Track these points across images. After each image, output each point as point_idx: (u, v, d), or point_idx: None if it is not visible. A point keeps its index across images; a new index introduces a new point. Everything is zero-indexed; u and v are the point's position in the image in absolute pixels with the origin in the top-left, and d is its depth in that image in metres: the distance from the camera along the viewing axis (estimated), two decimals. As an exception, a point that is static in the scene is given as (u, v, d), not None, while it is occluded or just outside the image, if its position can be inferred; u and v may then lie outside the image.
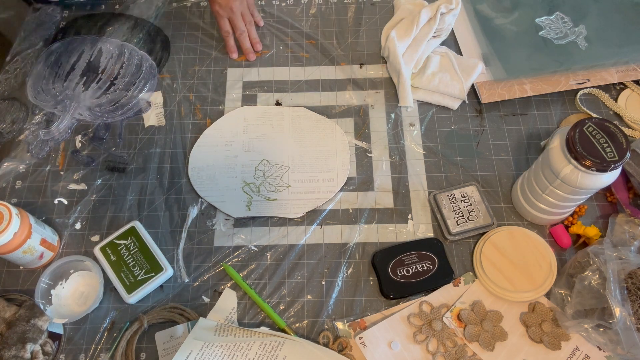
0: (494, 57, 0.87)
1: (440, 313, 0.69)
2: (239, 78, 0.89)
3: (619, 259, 0.64)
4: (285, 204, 0.77)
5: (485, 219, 0.75)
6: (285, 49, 0.92)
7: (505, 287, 0.69)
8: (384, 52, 0.90)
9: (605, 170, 0.61)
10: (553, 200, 0.69)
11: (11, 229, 0.65)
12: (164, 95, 0.88)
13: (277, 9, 0.96)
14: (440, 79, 0.85)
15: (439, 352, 0.67)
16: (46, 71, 0.89)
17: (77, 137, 0.84)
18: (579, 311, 0.65)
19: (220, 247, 0.75)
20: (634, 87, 0.85)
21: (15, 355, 0.63)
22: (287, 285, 0.72)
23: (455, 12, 0.88)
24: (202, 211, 0.78)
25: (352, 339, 0.68)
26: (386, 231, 0.76)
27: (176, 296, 0.72)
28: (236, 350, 0.66)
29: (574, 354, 0.66)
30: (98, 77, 0.89)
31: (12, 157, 0.82)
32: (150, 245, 0.73)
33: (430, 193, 0.78)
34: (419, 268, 0.72)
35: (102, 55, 0.91)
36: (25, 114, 0.86)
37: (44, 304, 0.68)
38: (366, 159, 0.82)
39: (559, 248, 0.74)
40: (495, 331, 0.68)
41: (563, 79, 0.85)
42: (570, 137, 0.62)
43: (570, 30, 0.89)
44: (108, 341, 0.69)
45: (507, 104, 0.86)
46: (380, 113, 0.85)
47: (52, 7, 0.98)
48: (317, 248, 0.75)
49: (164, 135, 0.84)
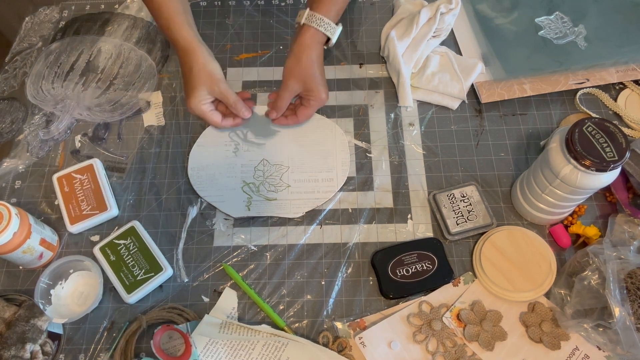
0: (493, 57, 0.87)
1: (439, 313, 0.69)
2: (238, 78, 0.89)
3: (619, 258, 0.64)
4: (284, 204, 0.77)
5: (485, 218, 0.75)
6: (285, 49, 0.92)
7: (504, 287, 0.69)
8: (384, 51, 0.90)
9: (604, 170, 0.61)
10: (552, 200, 0.69)
11: (10, 229, 0.65)
12: (164, 95, 0.88)
13: (277, 9, 0.96)
14: (439, 78, 0.85)
15: (439, 352, 0.67)
16: (46, 71, 0.89)
17: (76, 137, 0.84)
18: (578, 311, 0.65)
19: (220, 247, 0.75)
20: (634, 87, 0.85)
21: (14, 355, 0.62)
22: (286, 285, 0.72)
23: (454, 12, 0.88)
24: (201, 211, 0.78)
25: (352, 339, 0.68)
26: (386, 231, 0.76)
27: (176, 296, 0.72)
28: (240, 349, 0.66)
29: (574, 354, 0.66)
30: (97, 76, 0.89)
31: (11, 157, 0.82)
32: (149, 245, 0.73)
33: (429, 193, 0.78)
34: (419, 268, 0.72)
35: (102, 55, 0.91)
36: (25, 114, 0.86)
37: (44, 303, 0.68)
38: (366, 159, 0.82)
39: (559, 248, 0.74)
40: (495, 331, 0.68)
41: (562, 78, 0.85)
42: (569, 137, 0.62)
43: (569, 30, 0.89)
44: (107, 341, 0.69)
45: (506, 104, 0.86)
46: (380, 113, 0.85)
47: (51, 7, 0.98)
48: (317, 248, 0.75)
49: (164, 135, 0.84)
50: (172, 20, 0.72)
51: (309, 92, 0.74)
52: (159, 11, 0.71)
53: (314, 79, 0.73)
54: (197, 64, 0.71)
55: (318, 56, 0.74)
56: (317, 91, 0.73)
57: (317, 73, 0.74)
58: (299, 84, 0.74)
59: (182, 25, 0.72)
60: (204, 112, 0.71)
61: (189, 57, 0.71)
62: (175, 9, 0.73)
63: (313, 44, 0.72)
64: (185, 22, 0.73)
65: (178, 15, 0.72)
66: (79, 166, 0.79)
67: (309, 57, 0.72)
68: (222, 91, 0.71)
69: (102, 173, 0.78)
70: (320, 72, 0.74)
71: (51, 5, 0.98)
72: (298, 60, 0.72)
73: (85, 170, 0.78)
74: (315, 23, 0.72)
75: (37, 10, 0.97)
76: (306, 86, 0.73)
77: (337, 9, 0.73)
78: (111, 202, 0.76)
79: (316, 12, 0.72)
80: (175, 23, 0.71)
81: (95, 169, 0.78)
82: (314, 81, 0.73)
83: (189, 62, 0.71)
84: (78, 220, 0.75)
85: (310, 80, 0.73)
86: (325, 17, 0.72)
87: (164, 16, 0.71)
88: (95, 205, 0.76)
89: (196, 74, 0.70)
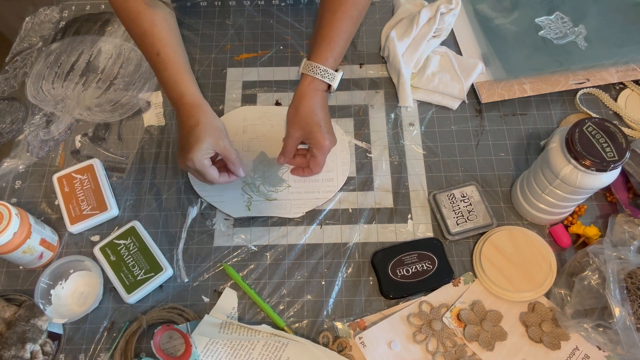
0: (493, 57, 0.87)
1: (440, 313, 0.69)
2: (238, 78, 0.89)
3: (619, 258, 0.64)
4: (285, 204, 0.77)
5: (485, 218, 0.75)
6: (285, 49, 0.92)
7: (505, 287, 0.69)
8: (384, 52, 0.90)
9: (604, 170, 0.61)
10: (553, 200, 0.69)
11: (11, 229, 0.65)
12: (164, 95, 0.88)
13: (277, 9, 0.96)
14: (440, 79, 0.85)
15: (439, 352, 0.67)
16: (46, 71, 0.89)
17: (76, 137, 0.84)
18: (578, 311, 0.65)
19: (220, 247, 0.75)
20: (634, 87, 0.85)
21: (15, 355, 0.62)
22: (286, 285, 0.72)
23: (455, 12, 0.88)
24: (201, 211, 0.78)
25: (352, 339, 0.68)
26: (386, 231, 0.76)
27: (176, 296, 0.72)
28: (240, 349, 0.66)
29: (574, 354, 0.66)
30: (97, 77, 0.89)
31: (12, 157, 0.82)
32: (149, 245, 0.73)
33: (430, 193, 0.78)
34: (419, 268, 0.72)
35: (102, 55, 0.91)
36: (25, 114, 0.86)
37: (44, 303, 0.68)
38: (366, 159, 0.82)
39: (559, 248, 0.74)
40: (495, 331, 0.68)
41: (563, 78, 0.85)
42: (570, 137, 0.62)
43: (570, 30, 0.89)
44: (108, 341, 0.69)
45: (506, 104, 0.86)
46: (380, 113, 0.85)
47: (51, 7, 0.98)
48: (317, 248, 0.75)
49: (164, 135, 0.84)
50: (180, 76, 0.73)
51: (310, 139, 0.74)
52: (166, 65, 0.72)
53: (313, 126, 0.73)
54: (205, 118, 0.71)
55: (319, 103, 0.74)
56: (317, 138, 0.73)
57: (317, 119, 0.73)
58: (299, 131, 0.74)
59: (189, 81, 0.74)
60: (204, 166, 0.69)
61: (196, 110, 0.71)
62: (183, 64, 0.74)
63: (312, 92, 0.73)
64: (191, 78, 0.75)
65: (186, 72, 0.74)
66: (79, 166, 0.79)
67: (308, 104, 0.73)
68: (226, 146, 0.71)
69: (102, 173, 0.78)
70: (322, 118, 0.74)
71: (51, 5, 0.98)
72: (297, 108, 0.73)
73: (86, 171, 0.78)
74: (312, 72, 0.73)
75: (37, 10, 0.97)
76: (306, 133, 0.74)
77: (334, 56, 0.74)
78: (111, 202, 0.76)
79: (313, 61, 0.73)
80: (184, 79, 0.73)
81: (95, 169, 0.78)
82: (313, 128, 0.73)
83: (196, 116, 0.71)
84: (78, 220, 0.75)
85: (310, 128, 0.73)
86: (322, 65, 0.73)
87: (171, 71, 0.72)
88: (95, 205, 0.76)
89: (203, 127, 0.70)
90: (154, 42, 0.72)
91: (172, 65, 0.73)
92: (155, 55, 0.72)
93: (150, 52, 0.73)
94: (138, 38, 0.74)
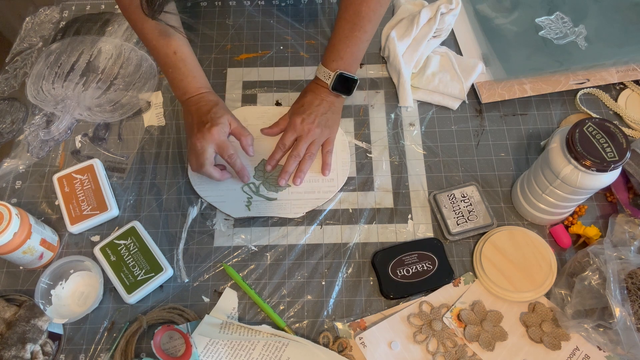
0: (493, 57, 0.87)
1: (440, 313, 0.69)
2: (238, 78, 0.89)
3: (619, 259, 0.64)
4: (285, 204, 0.77)
5: (485, 219, 0.75)
6: (285, 49, 0.92)
7: (505, 287, 0.69)
8: (384, 52, 0.90)
9: (605, 170, 0.61)
10: (553, 200, 0.69)
11: (11, 229, 0.65)
12: (164, 95, 0.88)
13: (277, 9, 0.96)
14: (440, 79, 0.85)
15: (439, 352, 0.67)
16: (46, 71, 0.89)
17: (77, 137, 0.84)
18: (579, 311, 0.65)
19: (220, 247, 0.75)
20: (634, 87, 0.85)
21: (15, 356, 0.63)
22: (287, 286, 0.72)
23: (455, 12, 0.88)
24: (201, 211, 0.78)
25: (352, 339, 0.68)
26: (386, 231, 0.76)
27: (176, 296, 0.72)
28: (240, 350, 0.66)
29: (574, 354, 0.66)
30: (98, 77, 0.89)
31: (12, 157, 0.82)
32: (150, 245, 0.73)
33: (430, 193, 0.78)
34: (419, 268, 0.72)
35: (102, 55, 0.91)
36: (25, 114, 0.86)
37: (44, 304, 0.68)
38: (366, 159, 0.82)
39: (559, 248, 0.74)
40: (495, 331, 0.68)
41: (563, 78, 0.85)
42: (570, 137, 0.62)
43: (570, 30, 0.89)
44: (108, 341, 0.69)
45: (507, 104, 0.86)
46: (380, 113, 0.85)
47: (51, 7, 0.98)
48: (317, 248, 0.75)
49: (164, 136, 0.84)
50: (197, 71, 0.78)
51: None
52: (184, 62, 0.77)
53: (293, 105, 0.81)
54: (222, 102, 0.78)
55: (314, 94, 0.80)
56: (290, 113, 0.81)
57: (300, 101, 0.81)
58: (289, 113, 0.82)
59: (204, 77, 0.80)
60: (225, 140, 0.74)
61: (214, 96, 0.78)
62: (198, 63, 0.79)
63: (311, 86, 0.81)
64: (205, 75, 0.80)
65: (201, 69, 0.79)
66: (80, 166, 0.79)
67: (303, 93, 0.82)
68: (239, 126, 0.76)
69: (102, 173, 0.79)
70: (305, 102, 0.79)
71: (51, 5, 0.98)
72: (298, 99, 0.82)
73: (86, 171, 0.78)
74: (317, 71, 0.81)
75: (37, 10, 0.97)
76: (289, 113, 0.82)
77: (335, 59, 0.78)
78: (111, 203, 0.76)
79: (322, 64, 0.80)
80: (201, 74, 0.79)
81: (95, 169, 0.78)
82: (292, 107, 0.81)
83: (215, 99, 0.78)
84: (78, 220, 0.75)
85: (292, 108, 0.81)
86: (322, 65, 0.80)
87: (189, 67, 0.77)
88: (95, 205, 0.76)
89: (223, 106, 0.77)
90: (170, 42, 0.75)
91: (190, 62, 0.77)
92: (172, 54, 0.76)
93: (166, 52, 0.76)
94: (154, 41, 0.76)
